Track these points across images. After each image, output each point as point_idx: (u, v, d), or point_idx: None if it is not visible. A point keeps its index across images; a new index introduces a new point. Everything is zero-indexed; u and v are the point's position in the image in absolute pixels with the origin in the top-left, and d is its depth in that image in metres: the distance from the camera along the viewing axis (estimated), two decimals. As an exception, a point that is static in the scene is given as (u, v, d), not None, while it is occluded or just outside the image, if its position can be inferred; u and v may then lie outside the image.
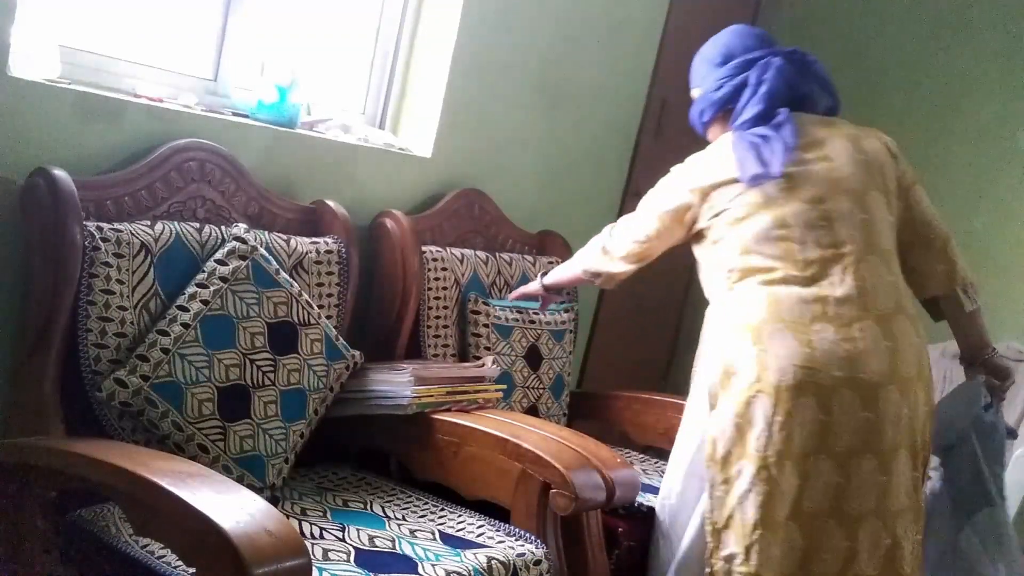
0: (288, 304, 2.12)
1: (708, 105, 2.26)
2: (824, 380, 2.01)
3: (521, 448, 2.08)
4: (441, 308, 2.55)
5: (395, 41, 2.73)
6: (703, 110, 2.28)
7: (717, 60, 2.27)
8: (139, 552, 1.70)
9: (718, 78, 2.24)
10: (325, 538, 1.89)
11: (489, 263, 2.71)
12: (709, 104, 2.26)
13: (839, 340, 2.03)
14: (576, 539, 2.13)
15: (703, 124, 2.32)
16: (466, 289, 2.62)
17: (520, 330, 2.67)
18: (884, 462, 2.06)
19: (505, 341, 2.63)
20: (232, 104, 2.37)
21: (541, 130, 3.04)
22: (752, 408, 2.03)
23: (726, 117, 2.25)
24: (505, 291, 2.72)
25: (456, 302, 2.59)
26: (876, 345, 2.05)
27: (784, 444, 2.01)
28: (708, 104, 2.26)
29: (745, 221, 2.11)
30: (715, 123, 2.29)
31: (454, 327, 2.59)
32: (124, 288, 1.91)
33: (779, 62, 2.18)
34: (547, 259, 2.85)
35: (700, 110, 2.30)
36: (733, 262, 2.13)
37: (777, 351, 2.02)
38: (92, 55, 2.12)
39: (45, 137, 1.91)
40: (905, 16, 3.77)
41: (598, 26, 3.10)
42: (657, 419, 2.75)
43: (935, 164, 3.70)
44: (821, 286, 2.07)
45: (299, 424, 2.12)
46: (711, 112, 2.27)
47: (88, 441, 1.78)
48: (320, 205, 2.35)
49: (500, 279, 2.73)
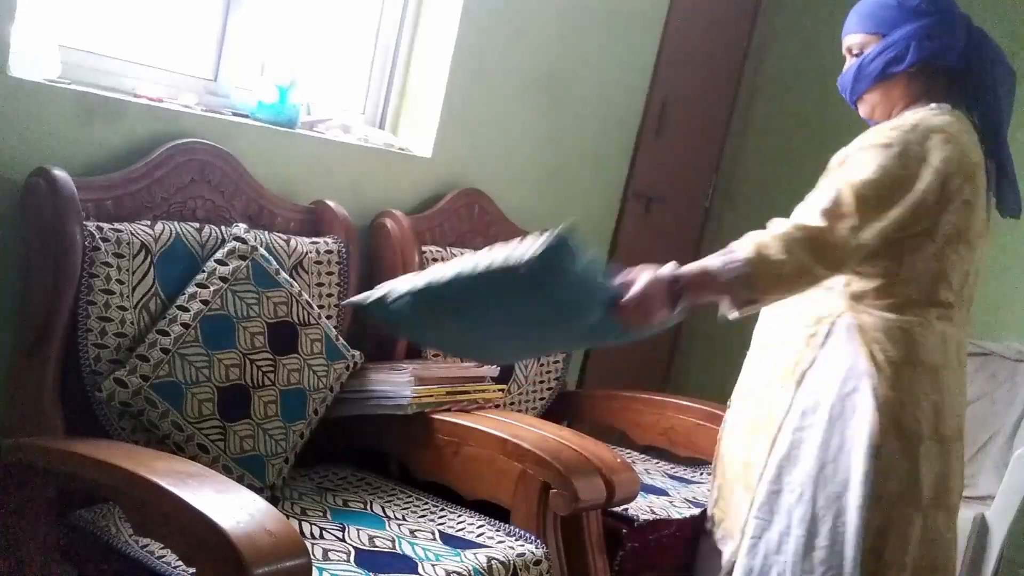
0: (288, 304, 2.12)
1: (911, 51, 1.85)
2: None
3: (521, 448, 2.08)
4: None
5: (395, 41, 2.73)
6: (889, 60, 1.88)
7: (921, 6, 1.90)
8: (139, 552, 1.70)
9: (929, 26, 1.87)
10: (325, 538, 1.89)
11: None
12: (912, 50, 1.85)
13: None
14: (576, 539, 2.13)
15: (874, 79, 1.92)
16: None
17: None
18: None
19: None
20: (232, 104, 2.37)
21: (541, 130, 3.04)
22: (929, 453, 1.91)
23: (910, 84, 1.91)
24: None
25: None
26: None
27: (945, 494, 1.95)
28: (910, 50, 1.85)
29: (961, 246, 1.92)
30: (893, 84, 1.92)
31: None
32: (124, 288, 1.91)
33: (1005, 62, 1.94)
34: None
35: (885, 60, 1.89)
36: (926, 286, 1.91)
37: (949, 400, 1.94)
38: (92, 55, 2.12)
39: (45, 137, 1.91)
40: (905, 16, 3.77)
41: (598, 26, 3.10)
42: (657, 419, 2.74)
43: (935, 164, 3.70)
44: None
45: (299, 424, 2.12)
46: (910, 60, 1.86)
47: (88, 441, 1.78)
48: (320, 205, 2.35)
49: None
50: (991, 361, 3.39)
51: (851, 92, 2.01)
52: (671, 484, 2.62)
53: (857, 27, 2.00)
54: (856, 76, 1.97)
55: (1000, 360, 3.38)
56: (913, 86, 1.95)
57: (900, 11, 1.92)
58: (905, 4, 1.92)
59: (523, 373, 2.75)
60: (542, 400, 2.81)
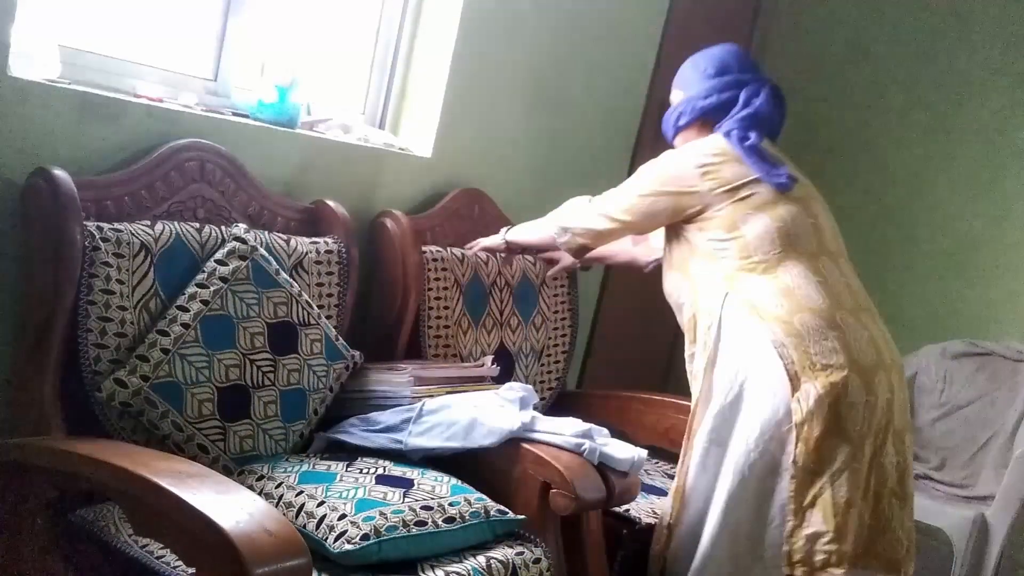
0: (288, 304, 2.12)
1: (690, 110, 2.34)
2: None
3: (521, 448, 2.08)
4: (442, 308, 2.56)
5: (395, 41, 2.73)
6: (682, 113, 2.35)
7: (710, 71, 2.34)
8: (139, 552, 1.70)
9: (708, 88, 2.32)
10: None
11: (489, 263, 2.70)
12: (691, 109, 2.33)
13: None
14: (576, 539, 2.13)
15: (677, 128, 2.38)
16: (466, 289, 2.62)
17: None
18: (896, 443, 2.19)
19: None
20: (232, 104, 2.37)
21: (541, 130, 3.03)
22: (849, 388, 2.07)
23: (701, 127, 2.33)
24: (506, 291, 2.72)
25: (456, 302, 2.59)
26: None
27: (868, 424, 2.10)
28: (690, 109, 2.34)
29: (764, 213, 2.18)
30: (690, 129, 2.36)
31: (454, 327, 2.59)
32: (124, 288, 1.91)
33: (769, 90, 2.30)
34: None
35: (679, 113, 2.36)
36: (762, 249, 2.16)
37: (854, 334, 2.12)
38: (92, 55, 2.12)
39: (45, 137, 1.91)
40: (905, 16, 3.77)
41: (598, 27, 3.10)
42: (657, 419, 2.74)
43: (935, 164, 3.70)
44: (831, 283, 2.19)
45: (299, 424, 2.12)
46: (689, 117, 2.34)
47: (88, 441, 1.78)
48: (320, 205, 2.35)
49: (501, 279, 2.73)
50: (991, 361, 3.40)
51: (670, 131, 2.43)
52: (671, 484, 2.61)
53: (674, 81, 2.44)
54: (667, 123, 2.42)
55: (1000, 360, 3.38)
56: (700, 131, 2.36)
57: (695, 73, 2.37)
58: (697, 66, 2.38)
59: (523, 373, 2.76)
60: (543, 399, 2.81)
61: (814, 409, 2.05)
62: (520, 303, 2.77)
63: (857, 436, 2.08)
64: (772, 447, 2.10)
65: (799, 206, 2.22)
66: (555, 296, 2.88)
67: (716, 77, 2.32)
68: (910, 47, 3.75)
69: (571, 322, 2.93)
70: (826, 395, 2.05)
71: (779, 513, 2.11)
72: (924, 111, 3.71)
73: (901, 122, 3.75)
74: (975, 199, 3.60)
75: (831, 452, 2.07)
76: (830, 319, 2.12)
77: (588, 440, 2.09)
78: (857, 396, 2.08)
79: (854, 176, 3.83)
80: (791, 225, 2.18)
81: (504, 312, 2.73)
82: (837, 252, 2.27)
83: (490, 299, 2.69)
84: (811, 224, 2.22)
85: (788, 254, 2.16)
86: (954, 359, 3.46)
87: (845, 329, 2.12)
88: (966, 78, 3.64)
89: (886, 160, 3.78)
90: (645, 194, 2.28)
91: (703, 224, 2.21)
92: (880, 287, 3.70)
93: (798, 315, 2.11)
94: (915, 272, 3.73)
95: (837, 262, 2.25)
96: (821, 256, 2.21)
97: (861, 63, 3.82)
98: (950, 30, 3.67)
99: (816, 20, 3.95)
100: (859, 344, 2.12)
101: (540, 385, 2.82)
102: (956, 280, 3.64)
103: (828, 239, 2.26)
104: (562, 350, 2.91)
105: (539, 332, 2.82)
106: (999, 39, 3.58)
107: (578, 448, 2.08)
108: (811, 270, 2.17)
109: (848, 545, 2.07)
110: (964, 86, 3.64)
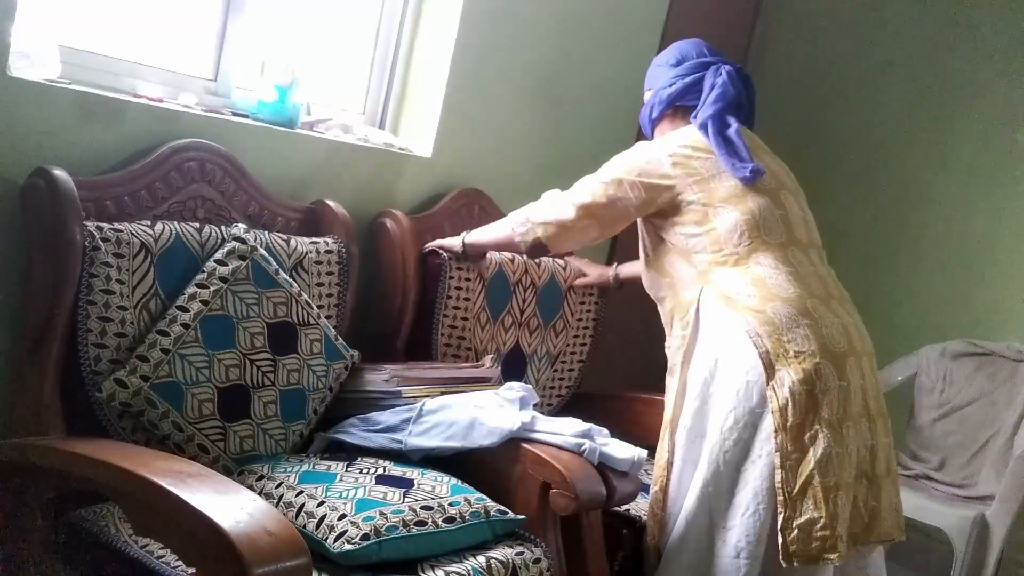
0: (288, 304, 2.12)
1: (658, 102, 2.39)
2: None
3: (521, 448, 2.08)
4: (461, 299, 2.55)
5: (395, 41, 2.73)
6: (653, 107, 2.41)
7: (672, 61, 2.41)
8: (139, 552, 1.70)
9: (671, 76, 2.38)
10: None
11: (515, 261, 2.69)
12: (659, 101, 2.39)
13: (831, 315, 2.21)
14: (576, 539, 2.13)
15: (652, 122, 2.43)
16: (490, 284, 2.61)
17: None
18: (872, 427, 2.22)
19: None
20: (232, 104, 2.38)
21: (541, 130, 3.03)
22: (823, 374, 2.09)
23: (674, 117, 2.39)
24: (530, 291, 2.71)
25: (478, 295, 2.58)
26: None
27: (845, 409, 2.12)
28: (658, 101, 2.39)
29: (733, 206, 2.21)
30: (664, 121, 2.41)
31: (472, 320, 2.57)
32: (124, 288, 1.91)
33: (730, 69, 2.34)
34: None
35: (650, 107, 2.42)
36: (732, 241, 2.19)
37: (825, 321, 2.15)
38: (92, 55, 2.12)
39: (45, 137, 1.91)
40: (906, 15, 3.77)
41: (598, 26, 3.10)
42: (658, 419, 2.73)
43: (935, 163, 3.70)
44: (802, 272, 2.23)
45: (299, 424, 2.12)
46: (660, 109, 2.39)
47: (88, 441, 1.78)
48: (320, 205, 2.35)
49: (526, 278, 2.71)
50: (991, 361, 3.39)
51: (648, 128, 2.48)
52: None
53: (644, 85, 2.49)
54: (643, 122, 2.48)
55: (1000, 360, 3.38)
56: (675, 120, 2.41)
57: (658, 68, 2.43)
58: (659, 62, 2.45)
59: (534, 376, 2.75)
60: (549, 406, 2.82)
61: (789, 396, 2.07)
62: (542, 305, 2.75)
63: (836, 420, 2.10)
64: (745, 435, 2.12)
65: (767, 198, 2.24)
66: (582, 304, 2.86)
67: (678, 65, 2.38)
68: (910, 47, 3.75)
69: (593, 333, 2.91)
70: (800, 382, 2.07)
71: (752, 501, 2.11)
72: (924, 111, 3.71)
73: (901, 122, 3.75)
74: (975, 199, 3.60)
75: (813, 438, 2.08)
76: (801, 307, 2.14)
77: (588, 440, 2.10)
78: (831, 381, 2.10)
79: (854, 176, 3.83)
80: (759, 217, 2.21)
81: (525, 312, 2.72)
82: (808, 242, 2.30)
83: (513, 297, 2.68)
84: (780, 216, 2.25)
85: (757, 246, 2.19)
86: (954, 359, 3.46)
87: (816, 317, 2.15)
88: (966, 78, 3.64)
89: (886, 160, 3.78)
90: (615, 180, 2.29)
91: (676, 219, 2.24)
92: (880, 287, 3.71)
93: (770, 304, 2.13)
94: (915, 272, 3.73)
95: (807, 252, 2.27)
96: (790, 246, 2.24)
97: (861, 63, 3.82)
98: (951, 30, 3.67)
99: (816, 20, 3.95)
100: (830, 331, 2.15)
101: (549, 391, 2.82)
102: (956, 280, 3.64)
103: (798, 230, 2.28)
104: (578, 359, 2.90)
105: (558, 337, 2.81)
106: (1000, 39, 3.58)
107: (578, 448, 2.08)
108: (781, 260, 2.20)
109: (842, 528, 2.08)
110: (965, 86, 3.64)
